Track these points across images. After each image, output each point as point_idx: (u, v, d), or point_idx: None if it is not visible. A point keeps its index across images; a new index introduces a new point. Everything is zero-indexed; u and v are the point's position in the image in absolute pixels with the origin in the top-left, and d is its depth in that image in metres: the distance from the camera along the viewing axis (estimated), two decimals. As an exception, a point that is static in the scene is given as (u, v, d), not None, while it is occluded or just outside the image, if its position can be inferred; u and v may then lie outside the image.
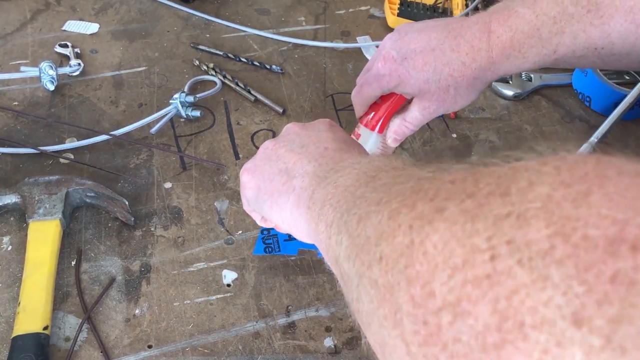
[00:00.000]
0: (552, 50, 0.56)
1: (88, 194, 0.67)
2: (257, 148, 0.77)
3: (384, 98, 0.63)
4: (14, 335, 0.56)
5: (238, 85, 0.84)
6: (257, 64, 0.88)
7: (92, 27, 0.93)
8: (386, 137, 0.65)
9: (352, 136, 0.66)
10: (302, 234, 0.46)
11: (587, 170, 0.22)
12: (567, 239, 0.20)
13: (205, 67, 0.87)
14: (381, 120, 0.64)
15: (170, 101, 0.78)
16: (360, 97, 0.63)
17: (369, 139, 0.65)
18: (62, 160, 0.73)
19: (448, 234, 0.24)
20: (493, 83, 0.87)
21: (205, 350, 0.58)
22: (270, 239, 0.67)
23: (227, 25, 0.95)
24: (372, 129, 0.64)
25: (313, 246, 0.67)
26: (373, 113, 0.64)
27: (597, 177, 0.22)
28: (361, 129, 0.66)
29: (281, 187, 0.47)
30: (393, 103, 0.62)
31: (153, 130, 0.76)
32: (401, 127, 0.63)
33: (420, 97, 0.60)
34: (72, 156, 0.74)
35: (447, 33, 0.58)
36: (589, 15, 0.54)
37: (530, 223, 0.21)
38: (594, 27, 0.54)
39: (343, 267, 0.34)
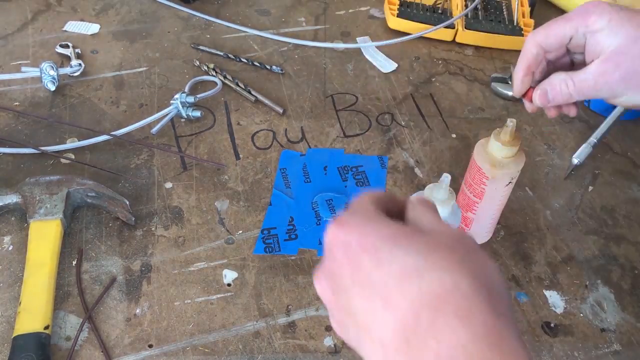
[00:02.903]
0: None
1: (89, 194, 0.67)
2: (257, 148, 0.77)
3: None
4: (15, 334, 0.56)
5: (238, 85, 0.84)
6: (258, 64, 0.88)
7: (93, 28, 0.93)
8: (535, 90, 0.54)
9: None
10: None
11: None
12: None
13: (205, 68, 0.87)
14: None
15: (171, 101, 0.78)
16: (544, 33, 0.52)
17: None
18: (63, 160, 0.74)
19: None
20: (492, 83, 0.88)
21: (206, 350, 0.58)
22: (271, 239, 0.67)
23: (227, 26, 0.95)
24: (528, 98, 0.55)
25: (313, 246, 0.67)
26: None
27: None
28: (493, 137, 0.58)
29: (356, 344, 0.33)
30: None
31: (154, 130, 0.76)
32: (561, 83, 0.52)
33: (609, 57, 0.49)
34: (73, 156, 0.74)
35: None
36: None
37: None
38: None
39: None
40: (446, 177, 0.53)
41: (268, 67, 0.88)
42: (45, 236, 0.63)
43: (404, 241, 0.31)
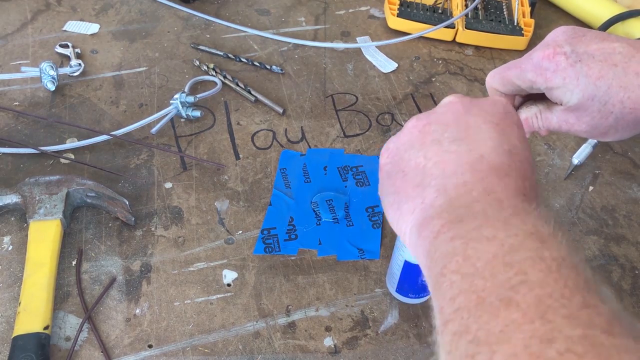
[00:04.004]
0: None
1: (88, 194, 0.67)
2: (257, 148, 0.77)
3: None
4: (14, 335, 0.56)
5: (238, 85, 0.84)
6: (257, 64, 0.88)
7: (93, 28, 0.93)
8: None
9: None
10: (419, 263, 0.36)
11: None
12: None
13: (205, 68, 0.87)
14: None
15: (171, 101, 0.78)
16: (500, 79, 0.51)
17: None
18: (62, 160, 0.74)
19: None
20: (493, 83, 0.87)
21: (206, 350, 0.58)
22: (270, 239, 0.67)
23: (227, 26, 0.95)
24: None
25: (313, 246, 0.67)
26: None
27: None
28: None
29: (410, 191, 0.38)
30: None
31: (153, 130, 0.76)
32: (532, 117, 0.52)
33: (569, 111, 0.49)
34: (72, 156, 0.74)
35: (635, 52, 0.46)
36: None
37: None
38: None
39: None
40: None
41: (268, 67, 0.88)
42: (45, 236, 0.63)
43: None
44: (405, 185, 0.38)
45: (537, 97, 0.52)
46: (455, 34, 0.95)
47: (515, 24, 0.95)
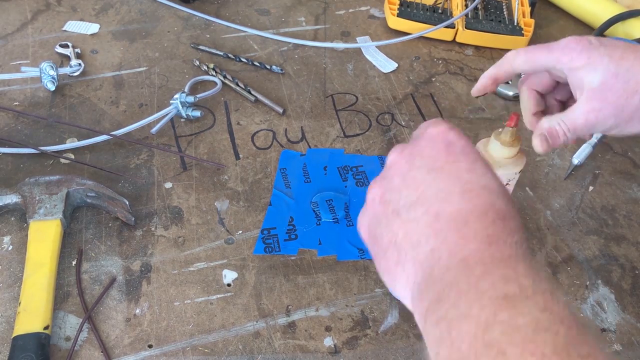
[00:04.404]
0: None
1: (88, 194, 0.67)
2: (257, 148, 0.77)
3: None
4: (14, 335, 0.56)
5: (238, 85, 0.84)
6: (257, 64, 0.88)
7: (93, 28, 0.93)
8: (533, 137, 0.54)
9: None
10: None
11: None
12: None
13: (205, 68, 0.87)
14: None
15: (171, 101, 0.78)
16: (525, 57, 0.53)
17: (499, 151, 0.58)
18: (62, 160, 0.74)
19: None
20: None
21: (206, 350, 0.58)
22: (271, 239, 0.67)
23: (227, 26, 0.95)
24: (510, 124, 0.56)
25: (313, 246, 0.67)
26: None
27: None
28: (493, 137, 0.58)
29: (394, 269, 0.37)
30: None
31: (153, 130, 0.76)
32: (556, 126, 0.52)
33: (594, 95, 0.49)
34: (72, 156, 0.74)
35: None
36: None
37: None
38: None
39: None
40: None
41: (268, 67, 0.88)
42: (45, 236, 0.63)
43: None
44: (388, 264, 0.37)
45: (554, 110, 0.55)
46: (455, 34, 0.95)
47: (515, 24, 0.95)
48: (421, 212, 0.36)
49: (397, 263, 0.36)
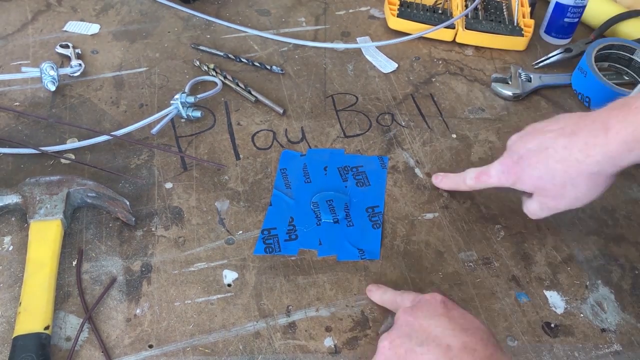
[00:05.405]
0: None
1: (89, 194, 0.67)
2: (258, 148, 0.77)
3: None
4: (15, 335, 0.56)
5: (238, 85, 0.84)
6: (258, 64, 0.88)
7: (93, 28, 0.93)
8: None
9: None
10: None
11: None
12: None
13: (205, 68, 0.87)
14: None
15: (171, 102, 0.78)
16: (475, 182, 0.67)
17: None
18: (63, 160, 0.74)
19: None
20: (492, 83, 0.88)
21: (206, 350, 0.58)
22: (271, 239, 0.67)
23: (227, 26, 0.95)
24: None
25: (313, 246, 0.67)
26: None
27: None
28: None
29: None
30: None
31: (154, 130, 0.76)
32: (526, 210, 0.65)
33: (537, 194, 0.62)
34: (73, 156, 0.74)
35: (561, 131, 0.59)
36: None
37: None
38: None
39: None
40: None
41: (268, 67, 0.88)
42: (45, 236, 0.63)
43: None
44: None
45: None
46: (455, 34, 0.95)
47: (515, 24, 0.96)
48: (434, 346, 0.47)
49: None
